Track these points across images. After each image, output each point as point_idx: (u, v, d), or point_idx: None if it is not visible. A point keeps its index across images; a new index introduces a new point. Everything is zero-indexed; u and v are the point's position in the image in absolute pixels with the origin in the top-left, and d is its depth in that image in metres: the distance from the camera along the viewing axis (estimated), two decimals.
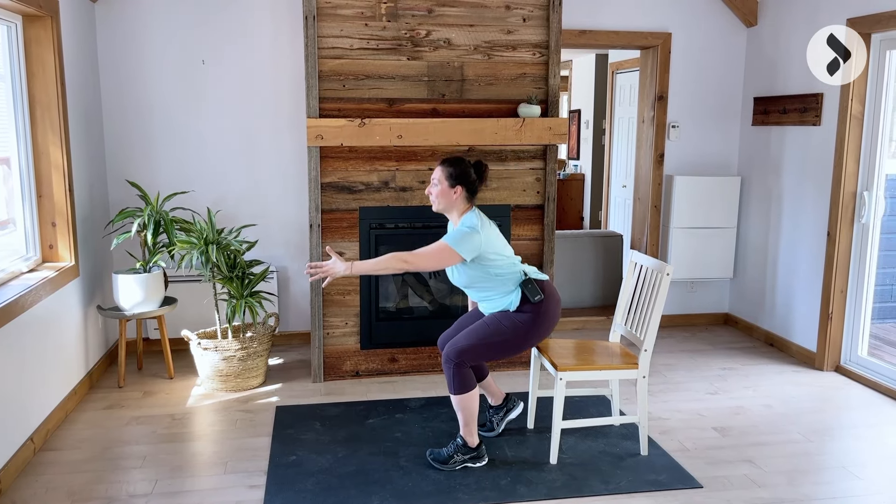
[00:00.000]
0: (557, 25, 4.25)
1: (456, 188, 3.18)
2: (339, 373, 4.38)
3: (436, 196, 3.21)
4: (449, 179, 3.17)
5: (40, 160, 3.76)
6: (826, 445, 3.53)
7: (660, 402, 4.04)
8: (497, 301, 3.24)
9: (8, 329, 3.12)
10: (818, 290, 4.60)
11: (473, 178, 3.20)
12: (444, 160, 3.23)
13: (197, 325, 4.66)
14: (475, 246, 3.09)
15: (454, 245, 3.06)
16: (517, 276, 3.21)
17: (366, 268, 3.09)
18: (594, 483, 3.12)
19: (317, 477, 3.16)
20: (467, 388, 3.14)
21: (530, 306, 3.17)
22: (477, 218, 3.18)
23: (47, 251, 3.86)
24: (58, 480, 3.12)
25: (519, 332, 3.16)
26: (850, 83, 4.25)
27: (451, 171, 3.18)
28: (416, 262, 3.07)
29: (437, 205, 3.23)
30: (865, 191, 4.32)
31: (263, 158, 4.79)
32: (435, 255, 3.08)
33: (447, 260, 3.09)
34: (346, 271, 3.05)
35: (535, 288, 3.17)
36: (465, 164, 3.20)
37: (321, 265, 3.09)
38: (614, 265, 5.90)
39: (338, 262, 3.07)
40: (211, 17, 4.59)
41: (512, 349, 3.20)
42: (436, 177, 3.21)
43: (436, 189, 3.21)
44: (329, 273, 3.07)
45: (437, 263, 3.10)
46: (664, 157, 5.32)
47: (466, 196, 3.21)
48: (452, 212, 3.24)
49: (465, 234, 3.10)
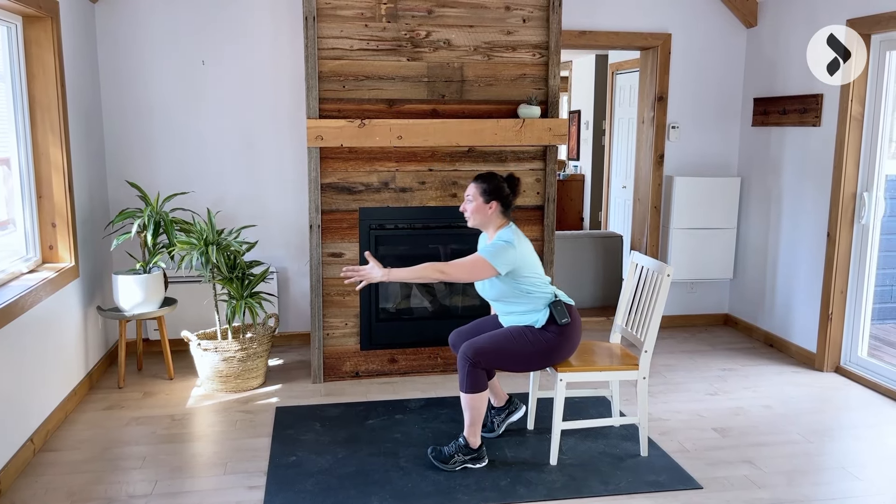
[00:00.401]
0: (557, 26, 4.25)
1: (491, 203, 3.20)
2: (339, 373, 4.38)
3: (471, 212, 3.23)
4: (483, 195, 3.19)
5: (40, 161, 3.76)
6: (826, 446, 3.53)
7: (660, 402, 4.04)
8: (523, 317, 3.25)
9: (8, 330, 3.12)
10: (818, 291, 4.60)
11: (507, 193, 3.23)
12: (477, 176, 3.26)
13: (197, 325, 4.66)
14: (510, 260, 3.10)
15: (490, 258, 3.08)
16: (547, 297, 3.22)
17: (402, 276, 3.10)
18: (594, 484, 3.12)
19: (316, 477, 3.16)
20: (479, 388, 3.14)
21: (555, 328, 3.19)
22: (513, 233, 3.20)
23: (47, 252, 3.86)
24: (57, 481, 3.12)
25: (540, 349, 3.18)
26: (850, 84, 4.26)
27: (484, 186, 3.20)
28: (451, 273, 3.09)
29: (473, 220, 3.25)
30: (865, 191, 4.32)
31: (263, 159, 4.79)
32: (470, 267, 3.10)
33: (481, 273, 3.10)
34: (384, 277, 3.07)
35: (563, 310, 3.19)
36: (498, 179, 3.23)
37: (358, 269, 3.12)
38: (614, 266, 5.90)
39: (375, 268, 3.09)
40: (211, 18, 4.59)
41: (528, 364, 3.23)
42: (470, 193, 3.23)
43: (471, 206, 3.22)
44: (366, 277, 3.10)
45: (471, 275, 3.12)
46: (664, 157, 5.32)
47: (501, 210, 3.23)
48: (489, 227, 3.26)
49: (500, 248, 3.11)
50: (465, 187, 4.31)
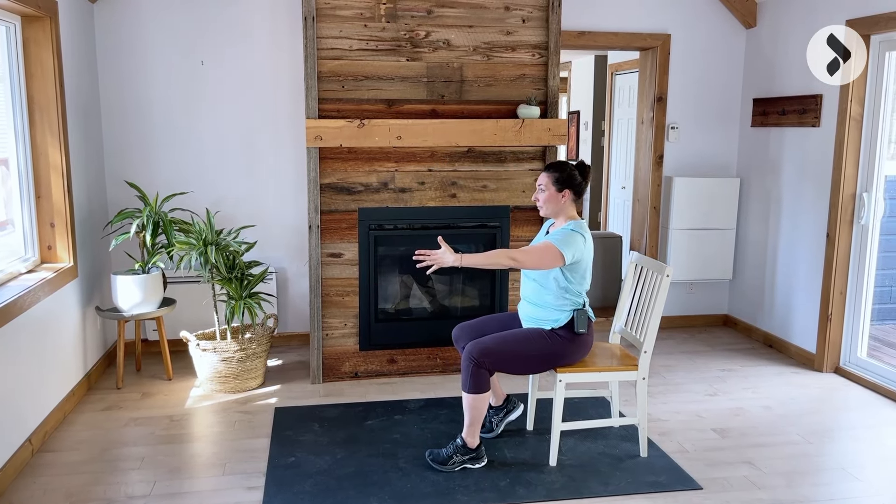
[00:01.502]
0: (557, 26, 4.25)
1: (564, 192, 3.21)
2: (338, 374, 4.37)
3: (543, 201, 3.24)
4: (556, 184, 3.21)
5: (39, 161, 3.75)
6: (825, 447, 3.53)
7: (659, 403, 4.04)
8: (546, 311, 3.24)
9: (6, 330, 3.11)
10: (817, 292, 4.60)
11: (579, 181, 3.24)
12: (548, 165, 3.28)
13: (196, 326, 4.65)
14: (578, 249, 3.12)
15: (559, 245, 3.09)
16: (577, 303, 3.24)
17: (475, 261, 3.13)
18: (593, 484, 3.12)
19: (315, 478, 3.16)
20: (482, 389, 3.14)
21: (569, 334, 3.20)
22: (583, 228, 3.21)
23: (46, 252, 3.85)
24: (56, 482, 3.11)
25: (547, 353, 3.19)
26: (850, 85, 4.25)
27: (557, 175, 3.22)
28: (522, 260, 3.11)
29: (545, 209, 3.26)
30: (865, 192, 4.32)
31: (262, 159, 4.79)
32: (540, 253, 3.11)
33: (551, 260, 3.10)
34: (455, 262, 3.10)
35: (584, 321, 3.21)
36: (570, 167, 3.24)
37: (430, 253, 3.14)
38: (613, 266, 5.90)
39: (447, 253, 3.11)
40: (210, 18, 4.58)
41: (532, 367, 3.24)
42: (542, 182, 3.24)
43: (543, 195, 3.24)
44: (437, 261, 3.12)
45: (541, 263, 3.12)
46: (663, 158, 5.32)
47: (574, 199, 3.25)
48: (560, 216, 3.28)
49: (570, 235, 3.13)
50: (464, 188, 4.31)
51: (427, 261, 3.15)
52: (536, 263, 3.13)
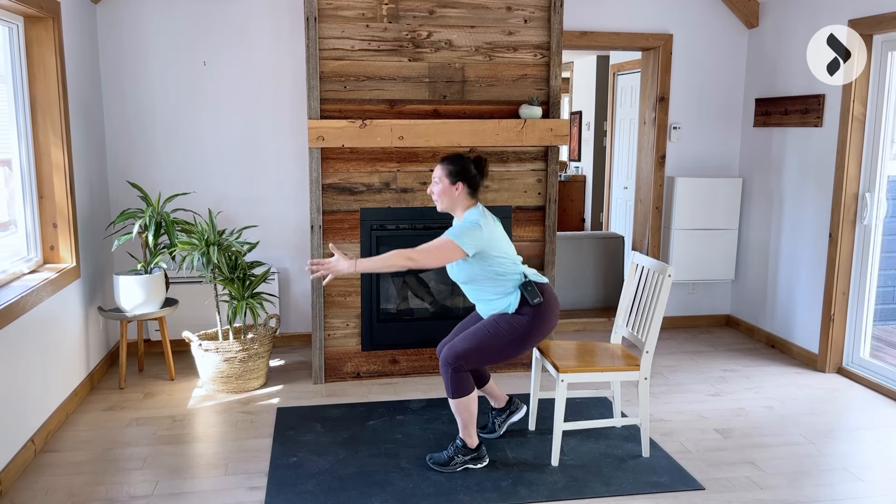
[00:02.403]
0: (559, 26, 4.25)
1: (457, 185, 3.16)
2: (340, 374, 4.37)
3: (438, 195, 3.21)
4: (449, 177, 3.17)
5: (41, 161, 3.76)
6: (828, 447, 3.52)
7: (661, 403, 4.03)
8: (495, 302, 3.23)
9: (9, 330, 3.11)
10: (820, 292, 4.59)
11: (474, 174, 3.18)
12: (443, 158, 3.23)
13: (198, 326, 4.66)
14: (477, 241, 3.07)
15: (456, 239, 3.04)
16: (517, 278, 3.19)
17: (370, 265, 3.06)
18: (595, 485, 3.12)
19: (317, 478, 3.16)
20: (464, 392, 3.13)
21: (529, 309, 3.16)
22: (480, 214, 3.17)
23: (48, 252, 3.86)
24: (58, 482, 3.11)
25: (516, 335, 3.15)
26: (852, 85, 4.25)
27: (450, 168, 3.17)
28: (419, 259, 3.04)
29: (440, 204, 3.23)
30: (867, 192, 4.31)
31: (264, 160, 4.79)
32: (438, 250, 3.05)
33: (450, 255, 3.06)
34: (349, 269, 3.03)
35: (534, 290, 3.16)
36: (464, 161, 3.19)
37: (323, 262, 3.08)
38: (615, 267, 5.90)
39: (341, 260, 3.04)
40: (212, 18, 4.59)
41: (509, 353, 3.19)
42: (436, 175, 3.20)
43: (437, 188, 3.20)
44: (331, 270, 3.05)
45: (440, 259, 3.07)
46: (665, 158, 5.32)
47: (469, 192, 3.19)
48: (456, 209, 3.23)
49: (466, 229, 3.08)
50: None
51: (321, 270, 3.07)
52: (434, 261, 3.06)
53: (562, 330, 5.39)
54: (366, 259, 3.07)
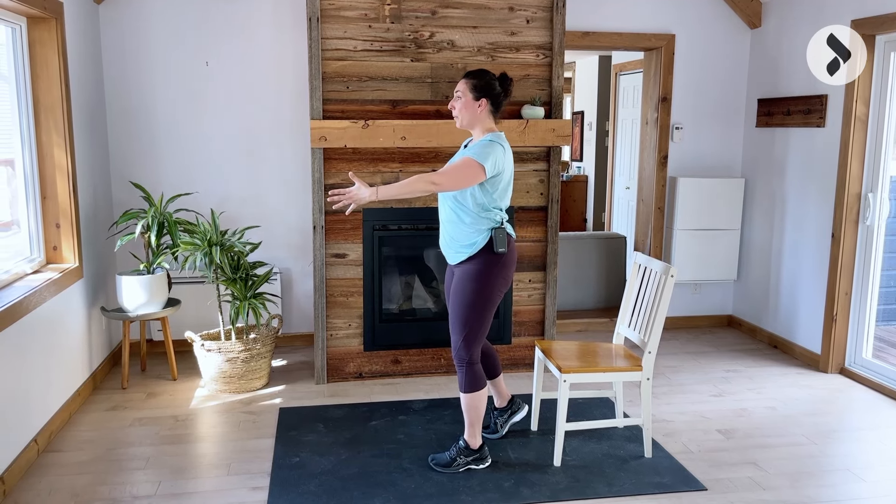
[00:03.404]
0: (561, 27, 4.24)
1: (480, 101, 3.07)
2: (343, 374, 4.38)
3: (459, 109, 3.10)
4: (473, 91, 3.06)
5: (44, 161, 3.77)
6: (830, 448, 3.52)
7: (663, 404, 4.03)
8: (463, 234, 3.09)
9: (12, 330, 3.12)
10: (822, 292, 4.59)
11: (498, 91, 3.09)
12: (468, 72, 3.13)
13: (200, 326, 4.66)
14: (497, 160, 2.96)
15: (478, 157, 2.93)
16: (495, 221, 3.09)
17: (392, 192, 2.92)
18: (598, 485, 3.12)
19: (320, 479, 3.16)
20: (477, 386, 3.14)
21: (487, 256, 3.07)
22: (501, 138, 3.07)
23: (51, 252, 3.87)
24: (61, 482, 3.12)
25: (482, 286, 3.07)
26: (855, 85, 4.24)
27: (475, 82, 3.07)
28: (441, 182, 2.91)
29: (461, 119, 3.11)
30: (870, 192, 4.31)
31: (267, 160, 4.80)
32: (460, 170, 2.93)
33: (472, 175, 2.94)
34: (372, 196, 2.92)
35: (503, 239, 3.07)
36: (490, 76, 3.09)
37: (345, 191, 2.96)
38: (617, 267, 5.90)
39: (362, 188, 2.92)
40: (215, 18, 4.59)
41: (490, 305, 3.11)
42: (459, 89, 3.09)
43: (459, 102, 3.09)
44: (353, 199, 2.95)
45: (462, 180, 2.94)
46: (668, 158, 5.31)
47: (491, 110, 3.10)
48: (476, 127, 3.11)
49: (488, 146, 2.98)
50: None
51: (343, 200, 2.97)
52: (458, 182, 2.94)
53: (564, 330, 5.39)
54: (387, 186, 2.95)
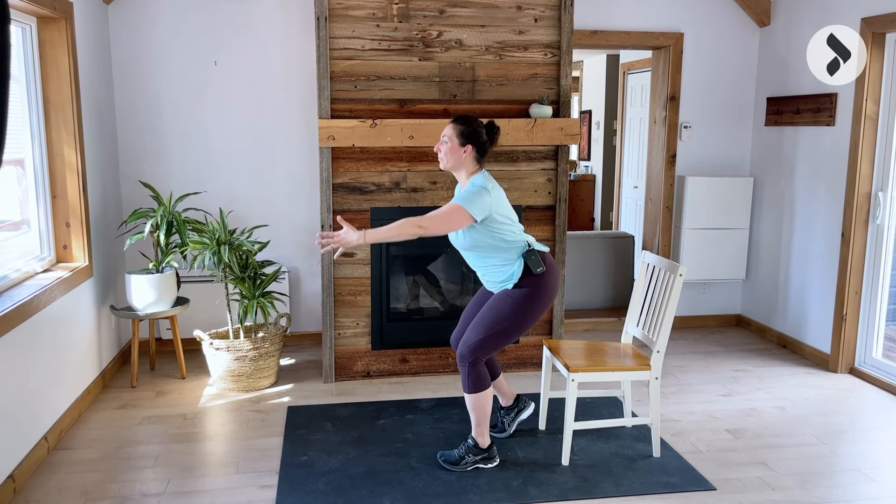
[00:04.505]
0: (569, 26, 4.24)
1: (466, 147, 3.13)
2: (350, 373, 4.38)
3: (445, 153, 3.16)
4: (460, 137, 3.13)
5: (54, 161, 3.79)
6: (840, 448, 3.50)
7: (672, 403, 4.02)
8: (498, 271, 3.18)
9: (22, 329, 3.14)
10: (832, 292, 4.57)
11: (484, 139, 3.16)
12: (455, 118, 3.19)
13: (209, 325, 4.68)
14: (485, 206, 3.03)
15: (465, 205, 3.01)
16: (521, 246, 3.16)
17: (379, 235, 3.01)
18: (606, 485, 3.11)
19: (328, 477, 3.17)
20: (481, 387, 3.13)
21: (530, 280, 3.13)
22: (486, 179, 3.14)
23: (61, 251, 3.89)
24: (71, 479, 3.14)
25: (522, 310, 3.12)
26: (865, 83, 4.22)
27: (462, 129, 3.13)
28: (428, 226, 2.99)
29: (445, 162, 3.17)
30: (880, 191, 4.28)
31: (275, 159, 4.81)
32: (447, 216, 3.01)
33: (458, 221, 3.01)
34: (359, 240, 2.97)
35: (537, 259, 3.13)
36: (477, 124, 3.16)
37: (332, 235, 3.02)
38: (625, 266, 5.88)
39: (350, 231, 2.98)
40: (223, 18, 4.61)
41: (520, 329, 3.17)
42: (446, 134, 3.16)
43: (445, 147, 3.16)
44: (341, 242, 3.00)
45: (449, 225, 3.03)
46: (676, 157, 5.30)
47: (476, 157, 3.16)
48: (461, 171, 3.18)
49: (474, 194, 3.05)
50: None
51: (331, 244, 3.02)
52: (444, 227, 3.02)
53: (572, 329, 5.38)
54: (375, 229, 3.02)
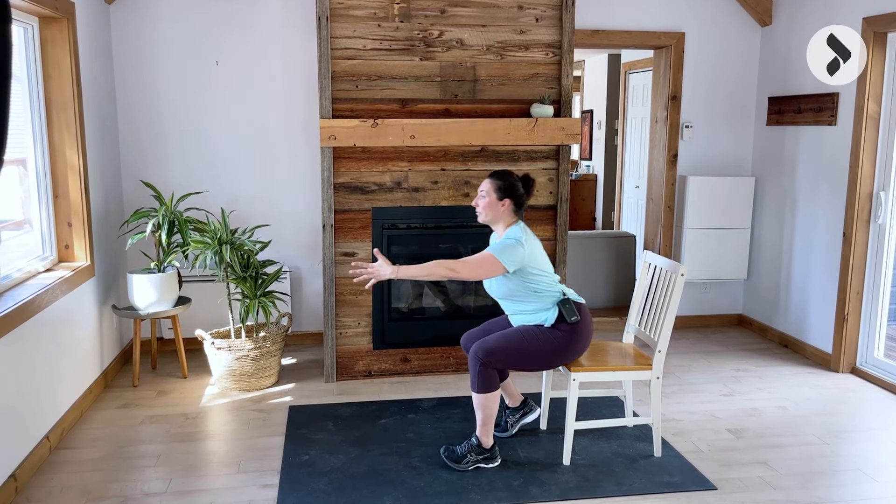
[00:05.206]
0: (570, 25, 4.24)
1: (504, 201, 3.20)
2: (352, 373, 4.39)
3: (483, 208, 3.24)
4: (497, 192, 3.20)
5: (56, 161, 3.79)
6: (841, 448, 3.50)
7: (673, 403, 4.02)
8: (531, 316, 3.24)
9: (24, 328, 3.14)
10: (833, 292, 4.56)
11: (521, 192, 3.23)
12: (492, 173, 3.27)
13: (210, 324, 4.68)
14: (518, 258, 3.10)
15: (498, 255, 3.08)
16: (555, 295, 3.22)
17: (412, 273, 3.11)
18: (607, 484, 3.11)
19: (329, 477, 3.17)
20: (490, 388, 3.14)
21: (565, 326, 3.18)
22: (522, 231, 3.20)
23: (63, 251, 3.89)
24: (73, 479, 3.14)
25: (550, 347, 3.17)
26: (867, 83, 4.21)
27: (499, 184, 3.21)
28: (460, 271, 3.09)
29: (484, 216, 3.26)
30: (882, 191, 4.28)
31: (277, 159, 4.81)
32: (479, 264, 3.10)
33: (490, 270, 3.10)
34: (392, 275, 3.08)
35: (572, 308, 3.18)
36: (513, 178, 3.24)
37: (367, 266, 3.13)
38: (627, 266, 5.88)
39: (384, 265, 3.10)
40: (225, 18, 4.61)
41: (539, 363, 3.23)
42: (483, 189, 3.23)
43: (483, 201, 3.23)
44: (375, 275, 3.11)
45: (480, 273, 3.12)
46: (677, 157, 5.30)
47: (513, 209, 3.23)
48: (498, 224, 3.27)
49: (508, 246, 3.12)
50: (477, 187, 4.31)
51: (364, 274, 3.13)
52: (475, 274, 3.12)
53: None
54: (408, 266, 3.12)
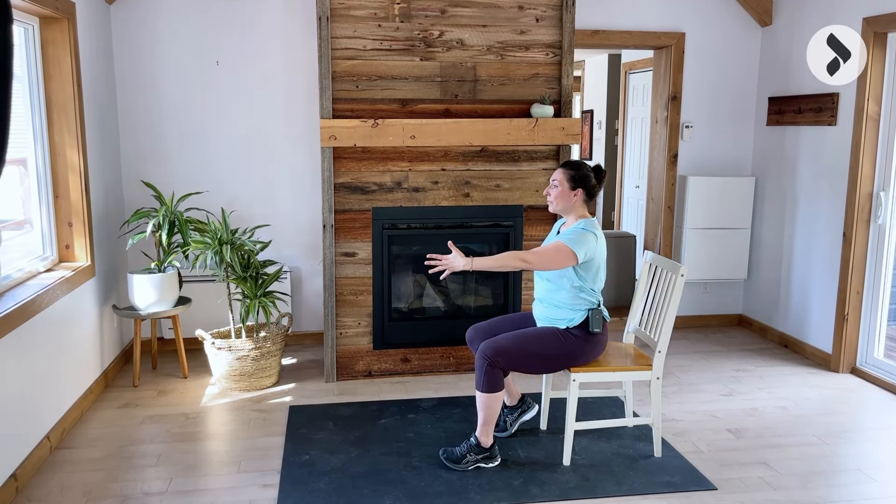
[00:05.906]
0: (570, 25, 4.24)
1: (577, 191, 3.22)
2: (352, 373, 4.39)
3: (555, 197, 3.25)
4: (570, 182, 3.22)
5: (57, 161, 3.79)
6: (841, 448, 3.50)
7: (673, 403, 4.02)
8: (559, 311, 3.24)
9: (25, 328, 3.14)
10: (833, 292, 4.56)
11: (593, 183, 3.25)
12: (565, 163, 3.29)
13: (211, 324, 4.68)
14: (591, 247, 3.12)
15: (570, 243, 3.09)
16: (591, 303, 3.23)
17: (486, 264, 3.12)
18: (607, 484, 3.11)
19: (329, 476, 3.17)
20: (495, 388, 3.14)
21: (583, 333, 3.20)
22: (594, 225, 3.22)
23: (64, 251, 3.89)
24: (73, 478, 3.14)
25: (562, 352, 3.19)
26: (867, 83, 4.22)
27: (572, 174, 3.23)
28: (533, 261, 3.11)
29: (556, 206, 3.27)
30: (882, 191, 4.28)
31: (277, 159, 4.81)
32: (552, 253, 3.11)
33: (563, 260, 3.10)
34: (466, 266, 3.09)
35: (599, 320, 3.21)
36: (586, 168, 3.26)
37: (441, 258, 3.14)
38: (627, 266, 5.88)
39: (458, 257, 3.11)
40: (225, 18, 4.61)
41: (546, 367, 3.24)
42: (556, 178, 3.25)
43: (555, 191, 3.24)
44: (449, 266, 3.12)
45: (553, 263, 3.12)
46: (678, 157, 5.30)
47: (585, 199, 3.26)
48: (570, 214, 3.28)
49: (581, 234, 3.13)
50: (477, 187, 4.31)
51: (439, 266, 3.15)
52: (548, 264, 3.12)
53: None
54: (481, 258, 3.13)
